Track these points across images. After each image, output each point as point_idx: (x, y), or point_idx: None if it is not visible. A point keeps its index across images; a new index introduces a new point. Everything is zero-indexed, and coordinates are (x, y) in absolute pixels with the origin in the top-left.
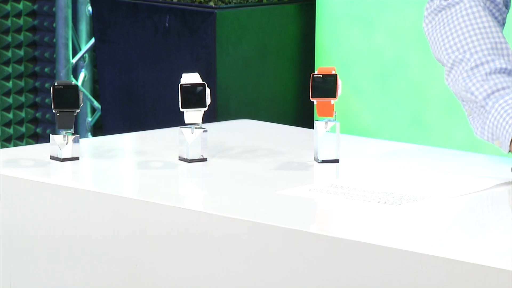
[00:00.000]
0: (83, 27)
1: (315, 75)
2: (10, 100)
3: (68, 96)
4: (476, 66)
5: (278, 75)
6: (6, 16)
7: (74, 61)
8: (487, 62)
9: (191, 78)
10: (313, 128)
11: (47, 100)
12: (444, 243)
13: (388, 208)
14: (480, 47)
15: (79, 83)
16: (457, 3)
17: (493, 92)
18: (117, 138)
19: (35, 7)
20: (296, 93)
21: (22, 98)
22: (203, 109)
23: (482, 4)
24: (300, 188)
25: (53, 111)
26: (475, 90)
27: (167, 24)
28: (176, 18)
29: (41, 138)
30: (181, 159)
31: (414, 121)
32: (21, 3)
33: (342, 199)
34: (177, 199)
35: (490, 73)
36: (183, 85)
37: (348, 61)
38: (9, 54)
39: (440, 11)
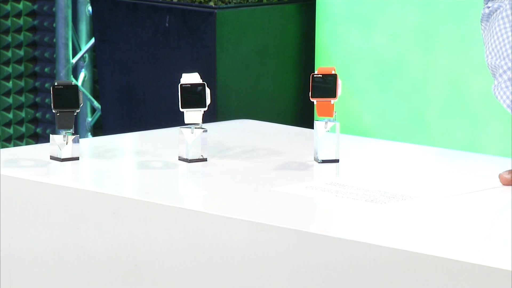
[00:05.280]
0: (83, 27)
1: (315, 75)
2: (10, 100)
3: (68, 96)
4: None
5: (278, 75)
6: (6, 16)
7: (74, 61)
8: None
9: (191, 78)
10: (313, 128)
11: (47, 100)
12: (443, 243)
13: (373, 206)
14: None
15: (79, 83)
16: (496, 9)
17: None
18: (117, 138)
19: (35, 7)
20: (296, 93)
21: (22, 98)
22: (203, 109)
23: None
24: (296, 185)
25: (53, 111)
26: None
27: (167, 24)
28: (176, 18)
29: (41, 138)
30: (181, 159)
31: (414, 121)
32: (21, 3)
33: (333, 197)
34: (177, 199)
35: None
36: (183, 85)
37: (348, 61)
38: (9, 54)
39: (487, 20)
